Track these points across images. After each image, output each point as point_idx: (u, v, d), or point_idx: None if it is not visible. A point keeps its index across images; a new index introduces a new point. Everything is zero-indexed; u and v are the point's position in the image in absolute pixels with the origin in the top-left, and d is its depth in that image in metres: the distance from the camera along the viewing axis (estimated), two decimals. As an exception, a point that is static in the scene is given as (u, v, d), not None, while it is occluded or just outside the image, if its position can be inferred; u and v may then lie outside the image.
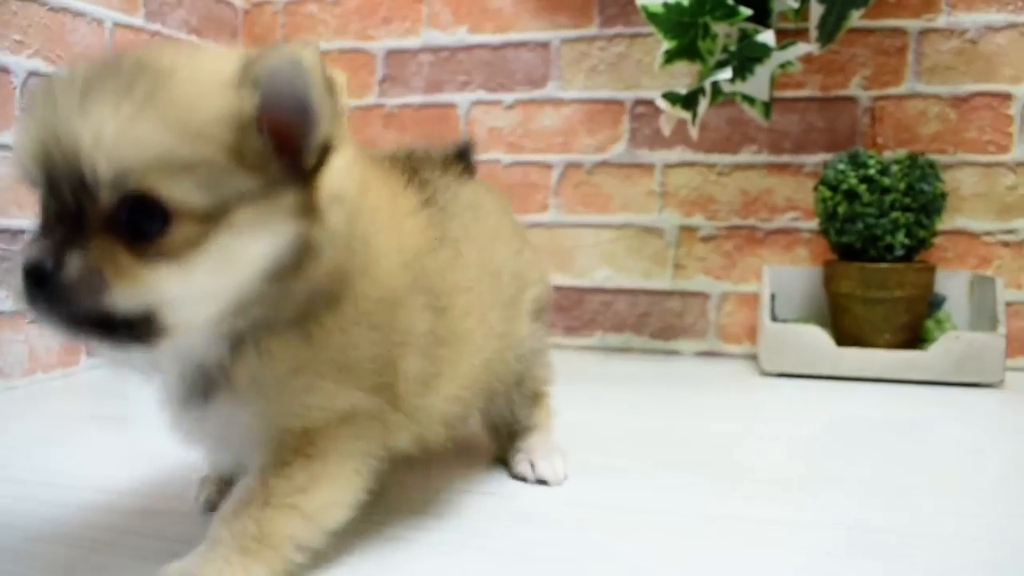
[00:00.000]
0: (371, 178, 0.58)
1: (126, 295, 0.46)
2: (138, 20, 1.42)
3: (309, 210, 0.49)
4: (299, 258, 0.49)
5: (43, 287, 0.45)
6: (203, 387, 0.53)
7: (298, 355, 0.52)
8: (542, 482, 0.77)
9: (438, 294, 0.61)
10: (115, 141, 0.44)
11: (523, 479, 0.78)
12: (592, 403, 1.16)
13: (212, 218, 0.46)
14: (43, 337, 1.23)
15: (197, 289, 0.47)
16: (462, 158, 0.78)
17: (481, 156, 1.55)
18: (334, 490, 0.55)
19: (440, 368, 0.62)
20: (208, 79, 0.47)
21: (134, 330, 0.47)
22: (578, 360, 1.48)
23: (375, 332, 0.55)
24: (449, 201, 0.68)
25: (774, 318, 1.37)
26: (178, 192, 0.45)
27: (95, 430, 1.01)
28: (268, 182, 0.48)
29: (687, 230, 1.52)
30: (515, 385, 0.79)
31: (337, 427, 0.55)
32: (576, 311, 1.57)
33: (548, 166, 1.57)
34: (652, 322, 1.54)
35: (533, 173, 1.57)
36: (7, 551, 0.62)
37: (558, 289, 1.57)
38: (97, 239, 0.46)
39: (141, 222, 0.46)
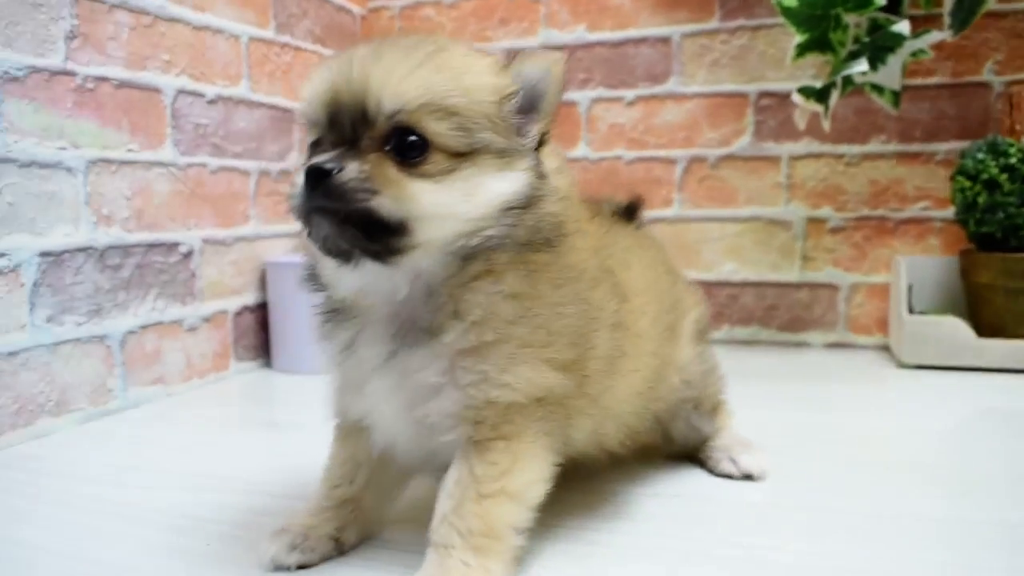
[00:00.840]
0: (574, 194, 0.65)
1: (391, 199, 0.54)
2: (269, 33, 1.47)
3: (536, 171, 0.59)
4: (527, 200, 0.58)
5: (322, 185, 0.53)
6: (416, 331, 0.58)
7: (520, 292, 0.58)
8: (748, 477, 0.81)
9: (619, 284, 0.68)
10: (399, 81, 0.55)
11: (728, 476, 0.82)
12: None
13: (462, 156, 0.56)
14: (199, 345, 1.29)
15: (446, 206, 0.55)
16: (631, 211, 0.87)
17: (603, 153, 1.57)
18: (534, 468, 0.60)
19: (622, 352, 0.67)
20: (478, 58, 0.59)
21: (389, 238, 0.54)
22: (707, 353, 1.49)
23: (578, 303, 0.61)
24: (620, 233, 0.77)
25: (910, 309, 1.37)
26: (439, 129, 0.55)
27: (243, 433, 1.07)
28: (507, 145, 0.57)
29: (815, 222, 1.52)
30: (694, 407, 0.83)
31: (530, 407, 0.59)
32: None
33: (672, 161, 1.58)
34: (780, 315, 1.55)
35: (656, 168, 1.58)
36: (161, 546, 0.67)
37: (684, 283, 1.58)
38: (372, 156, 0.55)
39: (406, 148, 0.55)
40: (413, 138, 0.55)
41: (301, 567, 0.63)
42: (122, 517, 0.76)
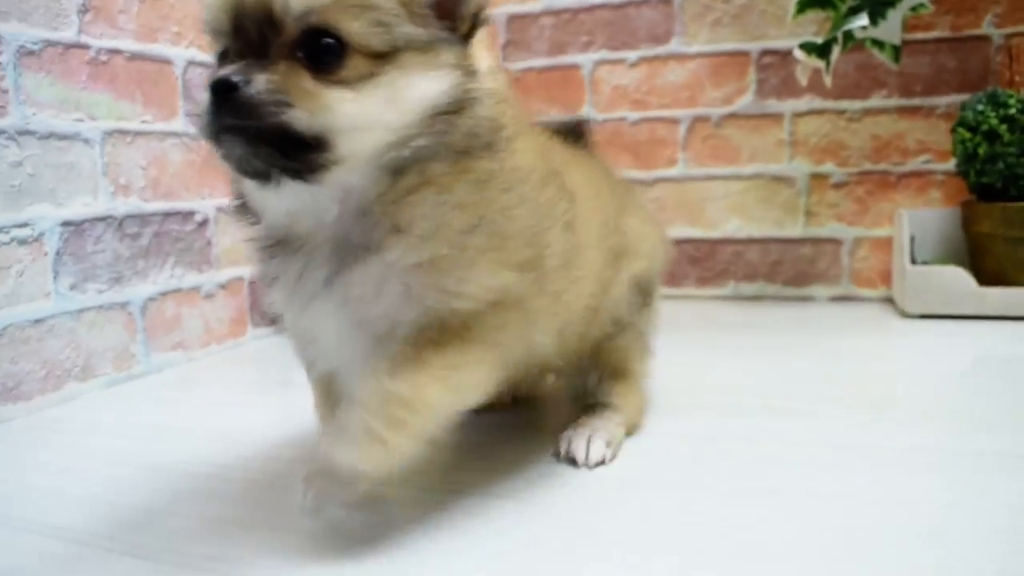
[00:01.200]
0: (511, 96, 0.63)
1: (306, 112, 0.50)
2: (276, 2, 1.48)
3: (467, 68, 0.55)
4: (459, 103, 0.55)
5: (230, 101, 0.49)
6: (355, 250, 0.55)
7: (469, 202, 0.55)
8: (572, 461, 0.73)
9: (567, 185, 0.66)
10: None
11: (556, 455, 0.75)
12: (732, 347, 1.21)
13: (383, 58, 0.52)
14: (216, 312, 1.32)
15: (368, 116, 0.52)
16: (577, 133, 0.84)
17: (607, 115, 1.59)
18: (480, 373, 0.58)
19: (574, 249, 0.65)
20: None
21: (307, 155, 0.51)
22: (712, 307, 1.53)
23: (528, 203, 0.59)
24: (567, 148, 0.75)
25: (913, 261, 1.39)
26: (355, 28, 0.51)
27: (261, 394, 1.11)
28: (432, 38, 0.54)
29: (818, 177, 1.54)
30: (599, 352, 0.77)
31: (487, 315, 0.57)
32: (708, 262, 1.61)
33: (675, 121, 1.60)
34: (784, 270, 1.57)
35: (660, 129, 1.60)
36: (188, 492, 0.71)
37: (689, 241, 1.61)
38: (282, 65, 0.50)
39: (321, 53, 0.51)
40: (328, 41, 0.50)
41: None
42: (150, 468, 0.79)
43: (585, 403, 0.79)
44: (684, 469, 0.73)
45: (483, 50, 0.58)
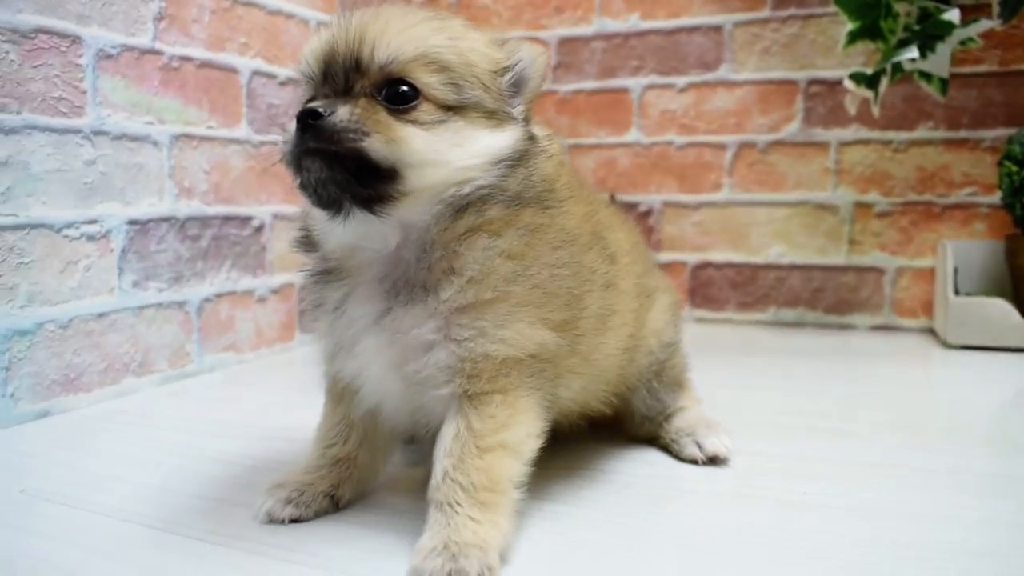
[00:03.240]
0: (566, 161, 0.70)
1: (382, 141, 0.55)
2: (335, 18, 1.52)
3: (527, 133, 0.62)
4: (518, 155, 0.61)
5: (314, 127, 0.55)
6: (410, 287, 0.59)
7: (518, 252, 0.59)
8: (713, 460, 0.78)
9: (608, 246, 0.70)
10: (395, 34, 0.57)
11: (693, 462, 0.78)
12: (773, 370, 1.22)
13: (452, 110, 0.58)
14: (267, 316, 1.36)
15: (436, 153, 0.57)
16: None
17: (654, 138, 1.62)
18: (529, 422, 0.60)
19: (612, 310, 0.69)
20: (475, 31, 0.62)
21: (379, 183, 0.56)
22: (752, 332, 1.54)
23: (572, 265, 0.62)
24: (607, 208, 0.79)
25: (956, 292, 1.40)
26: (430, 81, 0.57)
27: (308, 396, 1.12)
28: (497, 107, 0.60)
29: (862, 206, 1.55)
30: (656, 375, 0.82)
31: (524, 362, 0.59)
32: (749, 287, 1.62)
33: (722, 146, 1.62)
34: (826, 297, 1.58)
35: (707, 153, 1.62)
36: (244, 482, 0.71)
37: (731, 266, 1.62)
38: (363, 100, 0.57)
39: (397, 96, 0.57)
40: (404, 88, 0.57)
41: (294, 521, 0.64)
42: (203, 459, 0.82)
43: (663, 415, 0.83)
44: (732, 482, 0.75)
45: (539, 125, 0.66)
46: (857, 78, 1.32)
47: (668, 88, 1.65)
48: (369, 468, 0.70)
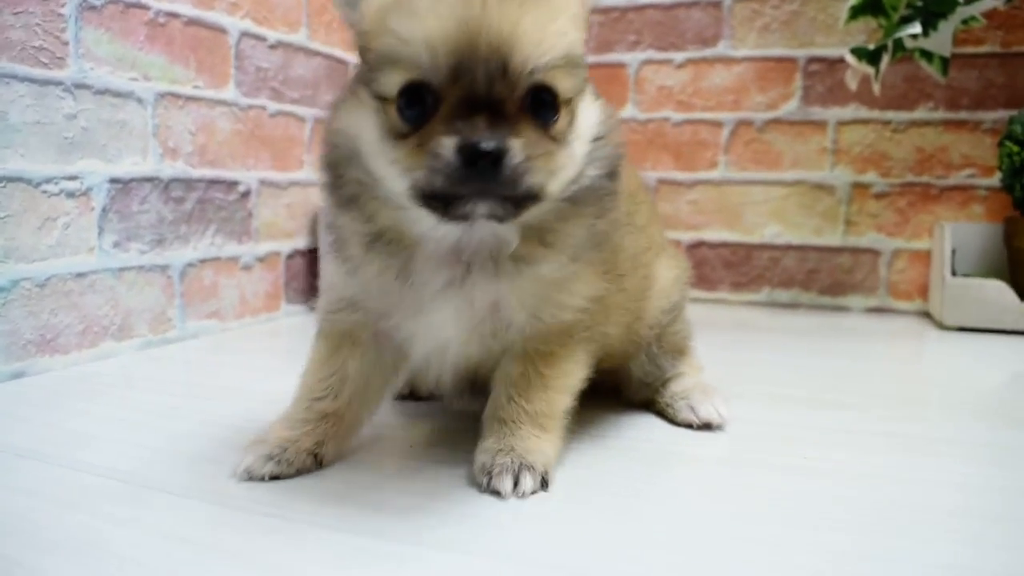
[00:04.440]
0: None
1: (544, 174, 0.52)
2: (327, -15, 1.49)
3: (602, 103, 0.61)
4: (605, 129, 0.60)
5: (492, 168, 0.49)
6: (493, 260, 0.59)
7: (597, 220, 0.61)
8: (707, 426, 0.76)
9: (628, 185, 0.69)
10: (544, 29, 0.51)
11: (688, 426, 0.77)
12: (770, 347, 1.20)
13: (571, 104, 0.55)
14: (252, 284, 1.33)
15: (570, 164, 0.56)
16: None
17: (650, 115, 1.59)
18: (582, 369, 0.66)
19: (643, 248, 0.75)
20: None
21: (529, 204, 0.53)
22: (746, 312, 1.52)
23: (625, 219, 0.67)
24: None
25: (953, 273, 1.38)
26: (567, 84, 0.54)
27: (293, 362, 1.09)
28: (585, 78, 0.57)
29: (859, 187, 1.53)
30: (656, 339, 0.80)
31: (581, 320, 0.64)
32: (744, 267, 1.60)
33: (718, 124, 1.59)
34: (821, 278, 1.56)
35: (703, 131, 1.60)
36: (222, 440, 0.69)
37: (726, 245, 1.60)
38: (523, 126, 0.52)
39: (541, 108, 0.53)
40: (547, 96, 0.53)
41: (274, 478, 0.62)
42: (181, 418, 0.80)
43: (660, 380, 0.82)
44: (731, 448, 0.73)
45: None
46: (859, 53, 1.29)
47: (665, 64, 1.62)
48: (354, 425, 0.68)
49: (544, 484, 0.60)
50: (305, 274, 1.46)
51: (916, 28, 1.24)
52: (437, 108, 0.51)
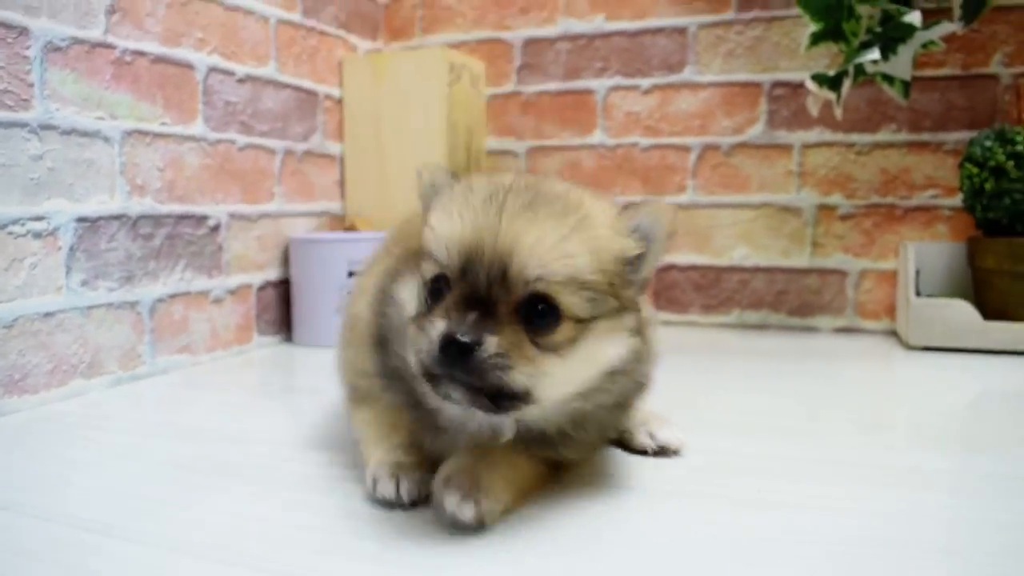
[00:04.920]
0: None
1: (523, 375, 0.56)
2: (296, 16, 1.51)
3: (638, 330, 0.63)
4: (630, 364, 0.63)
5: (461, 360, 0.55)
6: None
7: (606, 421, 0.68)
8: (663, 451, 0.79)
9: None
10: (548, 251, 0.56)
11: (643, 452, 0.79)
12: (737, 372, 1.22)
13: (584, 325, 0.59)
14: (223, 317, 1.33)
15: (568, 376, 0.59)
16: None
17: (618, 140, 1.61)
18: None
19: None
20: (611, 223, 0.61)
21: (513, 402, 0.57)
22: (716, 335, 1.53)
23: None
24: None
25: (918, 293, 1.40)
26: (572, 301, 0.57)
27: (265, 398, 1.11)
28: (620, 305, 0.61)
29: (825, 209, 1.55)
30: None
31: None
32: (713, 289, 1.61)
33: (686, 148, 1.61)
34: (790, 299, 1.58)
35: (671, 156, 1.62)
36: (194, 485, 0.71)
37: (696, 268, 1.62)
38: (507, 327, 0.56)
39: (538, 316, 0.57)
40: (545, 307, 0.57)
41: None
42: (153, 462, 0.80)
43: None
44: (687, 480, 0.73)
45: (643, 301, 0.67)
46: (819, 79, 1.32)
47: (633, 90, 1.64)
48: None
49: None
50: (278, 305, 1.47)
51: (875, 54, 1.27)
52: (441, 298, 0.59)
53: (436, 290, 0.60)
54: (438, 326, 0.56)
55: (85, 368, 1.08)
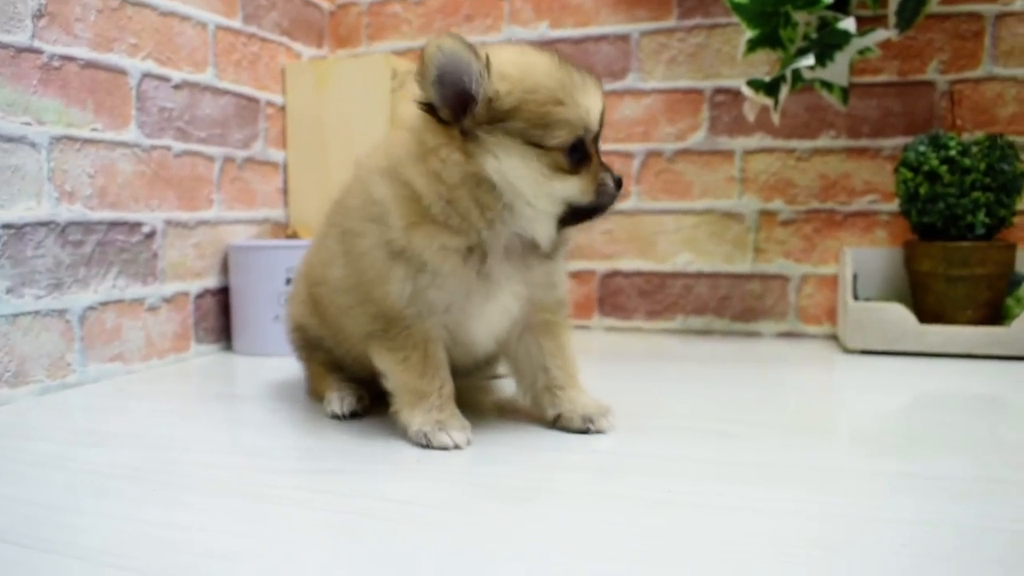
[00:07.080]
0: None
1: None
2: (236, 23, 1.49)
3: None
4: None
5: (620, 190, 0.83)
6: (537, 255, 0.85)
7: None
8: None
9: None
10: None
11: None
12: (679, 377, 1.22)
13: None
14: (159, 325, 1.31)
15: None
16: None
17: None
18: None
19: None
20: None
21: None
22: (661, 340, 1.54)
23: None
24: None
25: (856, 297, 1.41)
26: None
27: (201, 404, 1.10)
28: None
29: (767, 214, 1.56)
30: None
31: (563, 295, 0.92)
32: (658, 295, 1.62)
33: (629, 155, 1.62)
34: (733, 305, 1.59)
35: (616, 162, 1.62)
36: (117, 493, 0.69)
37: (640, 274, 1.62)
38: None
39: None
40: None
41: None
42: (78, 471, 0.78)
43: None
44: (602, 482, 0.73)
45: None
46: (755, 85, 1.33)
47: (577, 97, 1.64)
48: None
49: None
50: (217, 313, 1.45)
51: (810, 60, 1.28)
52: (586, 156, 0.79)
53: (575, 151, 0.77)
54: (610, 177, 0.81)
55: (10, 377, 1.06)
